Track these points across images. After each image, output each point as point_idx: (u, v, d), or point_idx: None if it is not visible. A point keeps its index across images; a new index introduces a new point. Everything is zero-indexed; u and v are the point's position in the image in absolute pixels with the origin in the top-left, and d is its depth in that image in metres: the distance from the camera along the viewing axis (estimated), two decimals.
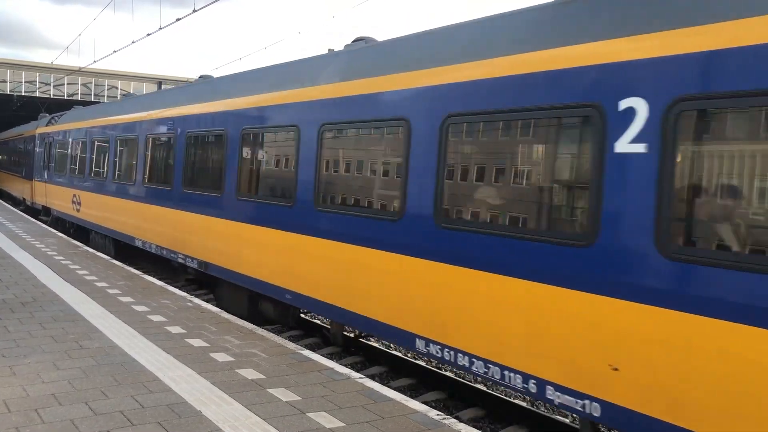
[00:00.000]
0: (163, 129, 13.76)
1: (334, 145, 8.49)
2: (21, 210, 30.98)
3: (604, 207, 5.27)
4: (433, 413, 6.14)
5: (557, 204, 5.88)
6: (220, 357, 7.65)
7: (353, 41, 9.44)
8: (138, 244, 14.81)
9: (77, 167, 20.18)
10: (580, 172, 5.62)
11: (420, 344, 6.91)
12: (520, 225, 6.05)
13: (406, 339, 7.11)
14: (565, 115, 5.67)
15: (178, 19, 17.00)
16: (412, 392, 8.65)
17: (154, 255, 14.26)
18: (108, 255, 16.58)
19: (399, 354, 10.18)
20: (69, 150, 21.37)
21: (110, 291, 11.32)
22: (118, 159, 16.62)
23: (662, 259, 4.80)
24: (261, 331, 9.03)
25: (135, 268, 14.60)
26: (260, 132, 10.10)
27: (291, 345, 8.39)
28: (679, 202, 4.82)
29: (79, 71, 41.62)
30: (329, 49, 10.57)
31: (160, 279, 14.47)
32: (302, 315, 12.16)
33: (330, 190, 8.47)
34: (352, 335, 10.81)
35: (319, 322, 12.11)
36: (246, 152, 10.40)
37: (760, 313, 4.24)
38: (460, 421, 6.63)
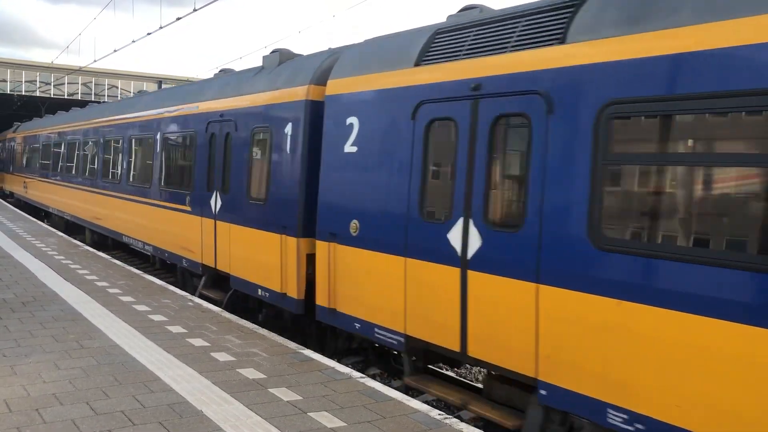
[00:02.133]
0: None
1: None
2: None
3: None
4: (435, 413, 6.14)
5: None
6: (221, 356, 7.65)
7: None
8: None
9: None
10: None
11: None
12: None
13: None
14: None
15: (178, 18, 16.98)
16: (413, 392, 8.64)
17: None
18: None
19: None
20: None
21: (111, 290, 11.31)
22: None
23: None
24: (262, 331, 9.02)
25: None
26: None
27: (292, 344, 8.39)
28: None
29: (80, 71, 41.62)
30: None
31: None
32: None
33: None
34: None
35: None
36: None
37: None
38: (462, 420, 6.62)
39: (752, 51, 4.43)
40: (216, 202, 11.07)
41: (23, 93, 54.06)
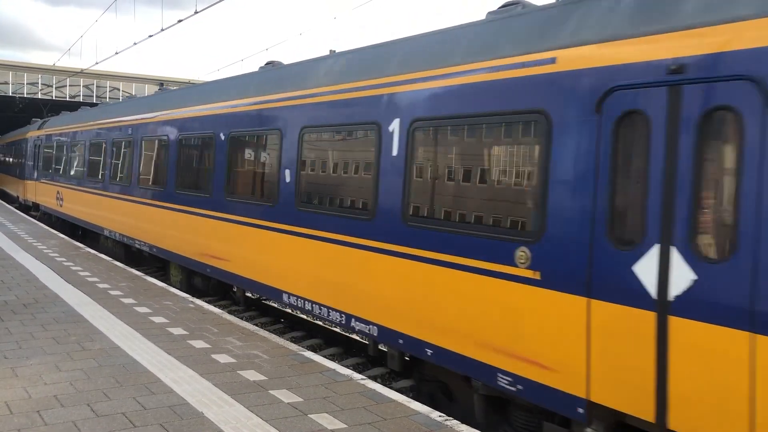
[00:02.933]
0: None
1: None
2: None
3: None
4: (435, 414, 6.14)
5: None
6: (222, 358, 7.65)
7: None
8: None
9: None
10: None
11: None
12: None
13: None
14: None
15: (179, 21, 17.02)
16: (414, 393, 8.64)
17: None
18: None
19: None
20: None
21: (112, 292, 11.31)
22: None
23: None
24: (263, 333, 9.02)
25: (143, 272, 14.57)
26: None
27: (293, 346, 8.39)
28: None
29: (81, 73, 41.68)
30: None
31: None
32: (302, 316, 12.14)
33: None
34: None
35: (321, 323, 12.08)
36: None
37: None
38: (462, 422, 6.62)
39: None
40: (666, 271, 4.99)
41: (25, 95, 54.18)
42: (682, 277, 4.85)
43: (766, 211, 4.39)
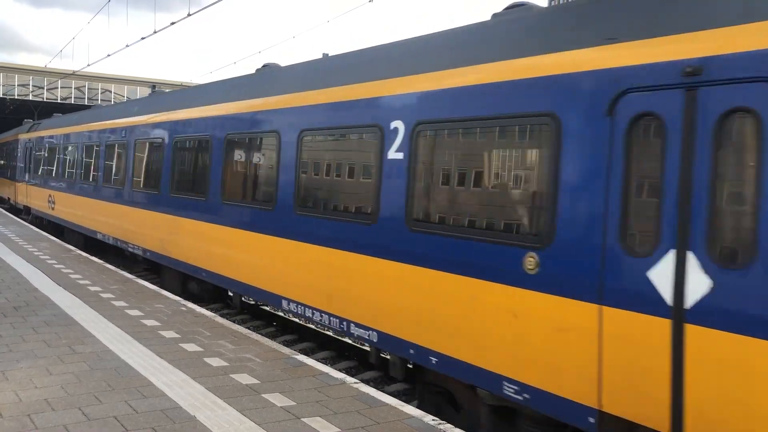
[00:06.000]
0: None
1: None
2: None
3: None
4: (429, 418, 6.13)
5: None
6: (214, 362, 7.62)
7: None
8: None
9: None
10: None
11: None
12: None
13: None
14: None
15: (172, 23, 16.99)
16: (407, 397, 8.63)
17: None
18: None
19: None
20: None
21: (103, 295, 11.26)
22: None
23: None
24: (255, 336, 9.00)
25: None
26: None
27: (285, 350, 8.37)
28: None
29: (73, 75, 41.53)
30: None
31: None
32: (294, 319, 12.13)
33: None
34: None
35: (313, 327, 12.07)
36: None
37: None
38: (456, 426, 6.61)
39: None
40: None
41: (16, 97, 53.95)
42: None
43: None
